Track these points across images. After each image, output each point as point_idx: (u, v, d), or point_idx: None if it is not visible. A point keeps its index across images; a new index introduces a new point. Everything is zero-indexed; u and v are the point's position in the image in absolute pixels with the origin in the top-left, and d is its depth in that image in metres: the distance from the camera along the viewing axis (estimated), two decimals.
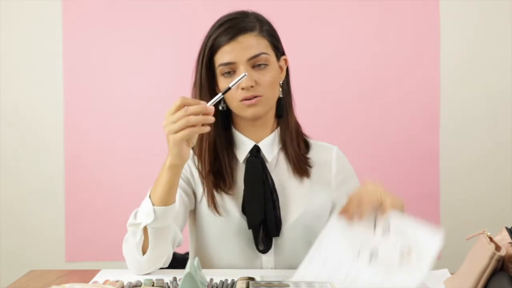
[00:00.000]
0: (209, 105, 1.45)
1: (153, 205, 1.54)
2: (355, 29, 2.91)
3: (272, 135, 1.74)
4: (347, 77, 2.91)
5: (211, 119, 1.45)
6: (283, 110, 1.75)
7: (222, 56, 1.65)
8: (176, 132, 1.43)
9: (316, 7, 2.90)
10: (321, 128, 2.73)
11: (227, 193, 1.70)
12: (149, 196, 1.55)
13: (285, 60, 1.75)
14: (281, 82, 1.72)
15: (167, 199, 1.54)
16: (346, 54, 2.91)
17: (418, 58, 2.91)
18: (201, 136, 1.69)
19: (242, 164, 1.73)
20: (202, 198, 1.72)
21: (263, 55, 1.66)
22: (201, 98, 1.66)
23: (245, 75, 1.53)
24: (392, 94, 2.92)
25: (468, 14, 2.91)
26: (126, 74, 2.92)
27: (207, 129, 1.45)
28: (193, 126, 1.42)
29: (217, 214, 1.70)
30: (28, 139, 2.94)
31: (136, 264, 1.59)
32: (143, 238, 1.56)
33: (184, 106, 1.43)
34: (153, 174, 1.55)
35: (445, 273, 1.59)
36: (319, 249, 1.49)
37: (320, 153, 1.79)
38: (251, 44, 1.65)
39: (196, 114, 1.42)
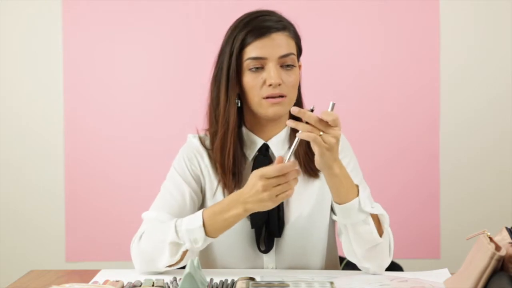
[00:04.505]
0: (294, 162, 1.52)
1: (206, 234, 1.56)
2: (355, 29, 2.91)
3: (283, 132, 1.73)
4: (346, 78, 2.91)
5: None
6: None
7: (254, 51, 1.65)
8: (278, 195, 1.49)
9: (314, 8, 2.90)
10: None
11: (233, 190, 1.69)
12: (203, 224, 1.56)
13: (300, 65, 1.75)
14: None
15: (221, 233, 1.58)
16: (345, 54, 2.91)
17: (418, 58, 2.91)
18: (225, 132, 1.69)
19: (250, 162, 1.73)
20: (214, 194, 1.72)
21: (292, 56, 1.67)
22: (227, 90, 1.67)
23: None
24: (392, 95, 2.92)
25: (468, 14, 2.92)
26: (126, 74, 2.92)
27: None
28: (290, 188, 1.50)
29: None
30: (28, 139, 2.94)
31: (151, 269, 1.61)
32: (179, 258, 1.58)
33: (283, 172, 1.49)
34: (152, 174, 1.53)
35: (445, 273, 1.59)
36: None
37: None
38: (283, 42, 1.66)
39: (291, 169, 1.49)
